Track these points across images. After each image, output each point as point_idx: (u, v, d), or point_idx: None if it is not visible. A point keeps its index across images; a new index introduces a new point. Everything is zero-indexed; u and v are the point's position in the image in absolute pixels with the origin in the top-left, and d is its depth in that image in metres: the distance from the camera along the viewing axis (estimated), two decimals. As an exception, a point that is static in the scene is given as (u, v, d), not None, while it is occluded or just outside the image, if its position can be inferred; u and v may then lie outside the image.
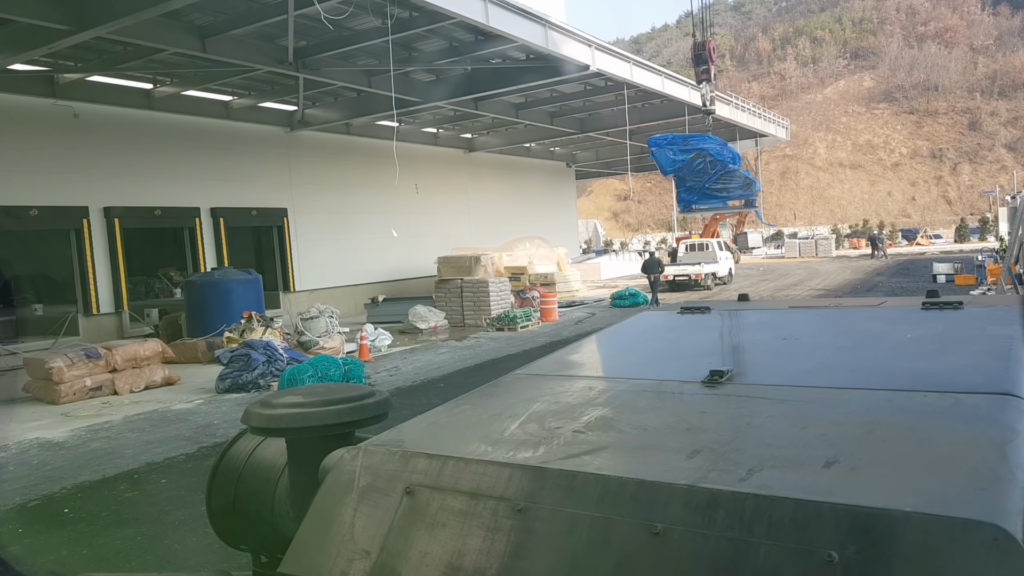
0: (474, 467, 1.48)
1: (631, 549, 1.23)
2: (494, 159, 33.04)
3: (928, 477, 1.25)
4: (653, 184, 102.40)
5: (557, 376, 2.22)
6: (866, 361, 2.07)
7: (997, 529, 1.03)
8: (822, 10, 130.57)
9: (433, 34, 17.84)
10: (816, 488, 1.21)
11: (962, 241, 57.03)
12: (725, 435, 1.54)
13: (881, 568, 1.06)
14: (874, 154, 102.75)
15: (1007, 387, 1.56)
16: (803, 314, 2.73)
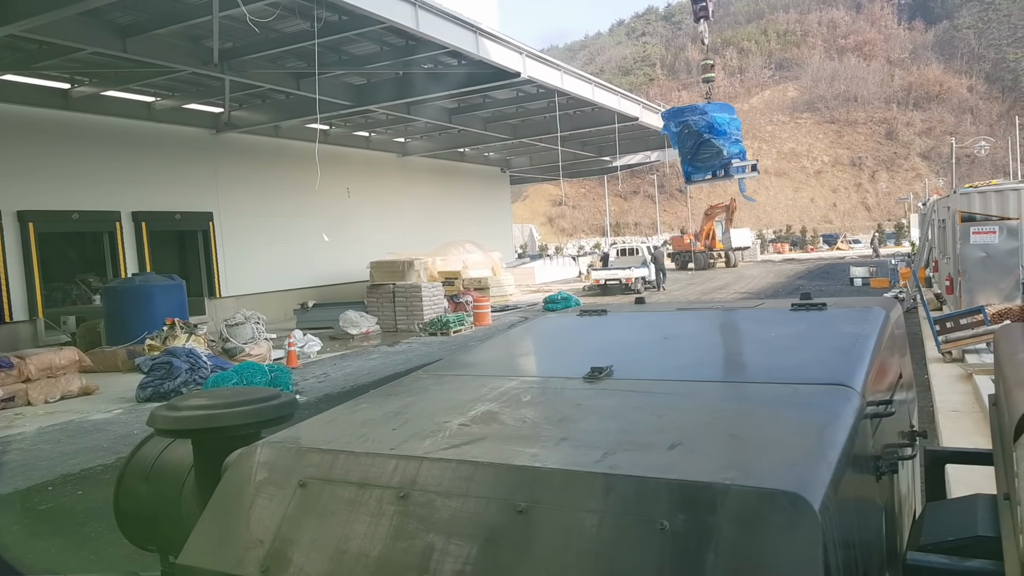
0: (363, 460, 1.60)
1: (499, 526, 1.37)
2: (428, 163, 33.02)
3: (753, 456, 1.42)
4: (587, 190, 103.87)
5: (455, 375, 2.32)
6: (728, 357, 2.25)
7: (796, 497, 1.19)
8: (748, 22, 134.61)
9: (363, 38, 17.76)
10: (655, 467, 1.36)
11: (879, 245, 59.49)
12: (592, 424, 1.69)
13: (703, 533, 1.21)
14: (798, 162, 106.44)
15: (841, 379, 1.74)
16: (686, 315, 2.91)
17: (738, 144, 17.23)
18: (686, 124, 17.52)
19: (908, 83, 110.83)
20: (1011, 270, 13.19)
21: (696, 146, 17.78)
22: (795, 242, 68.79)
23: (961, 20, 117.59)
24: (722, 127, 17.20)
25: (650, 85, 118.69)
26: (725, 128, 17.20)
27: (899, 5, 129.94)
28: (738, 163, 17.13)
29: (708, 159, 17.89)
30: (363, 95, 21.19)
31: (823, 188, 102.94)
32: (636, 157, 41.42)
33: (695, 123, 17.56)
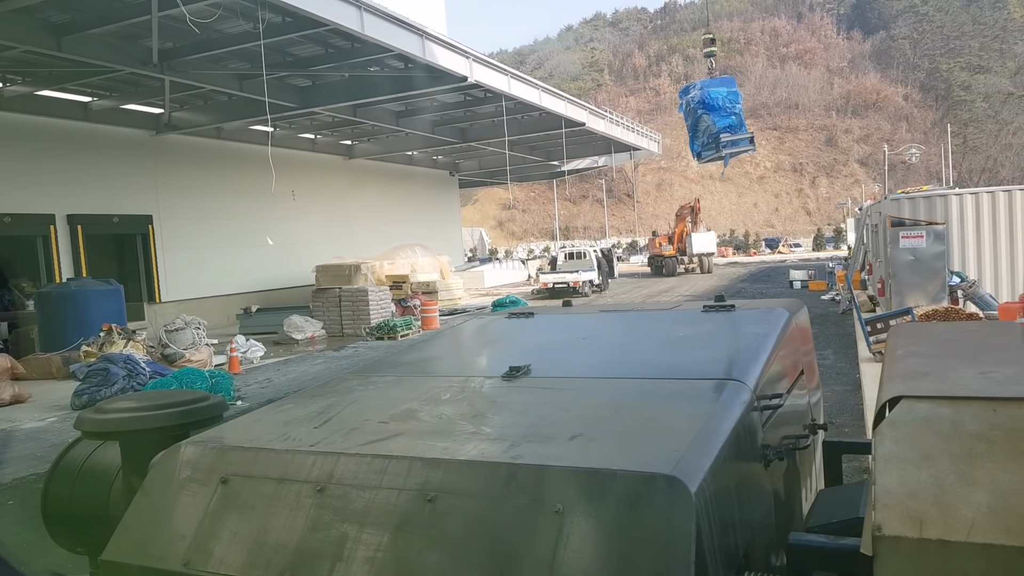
0: (282, 456, 1.68)
1: (409, 514, 1.46)
2: (375, 166, 32.83)
3: (642, 444, 1.53)
4: (537, 193, 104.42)
5: (380, 376, 2.39)
6: (637, 355, 2.38)
7: (674, 479, 1.30)
8: (694, 29, 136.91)
9: (308, 40, 17.63)
10: (553, 456, 1.47)
11: (818, 249, 61.25)
12: (504, 419, 1.79)
13: (592, 514, 1.32)
14: (741, 168, 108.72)
15: (734, 374, 1.87)
16: (607, 317, 3.04)
17: (728, 118, 17.02)
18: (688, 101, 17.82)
19: (847, 91, 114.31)
20: (938, 273, 13.73)
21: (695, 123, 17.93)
22: (739, 246, 70.33)
23: (897, 31, 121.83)
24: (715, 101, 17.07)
25: (598, 90, 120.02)
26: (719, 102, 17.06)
27: (838, 15, 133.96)
28: (727, 137, 17.06)
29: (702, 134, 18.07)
30: (308, 97, 21.00)
31: (766, 193, 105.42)
32: (584, 162, 41.87)
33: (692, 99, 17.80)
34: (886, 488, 1.31)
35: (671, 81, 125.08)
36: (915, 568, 1.23)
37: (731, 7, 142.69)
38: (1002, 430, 1.30)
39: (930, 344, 1.94)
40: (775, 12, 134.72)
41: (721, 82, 17.74)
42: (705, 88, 17.54)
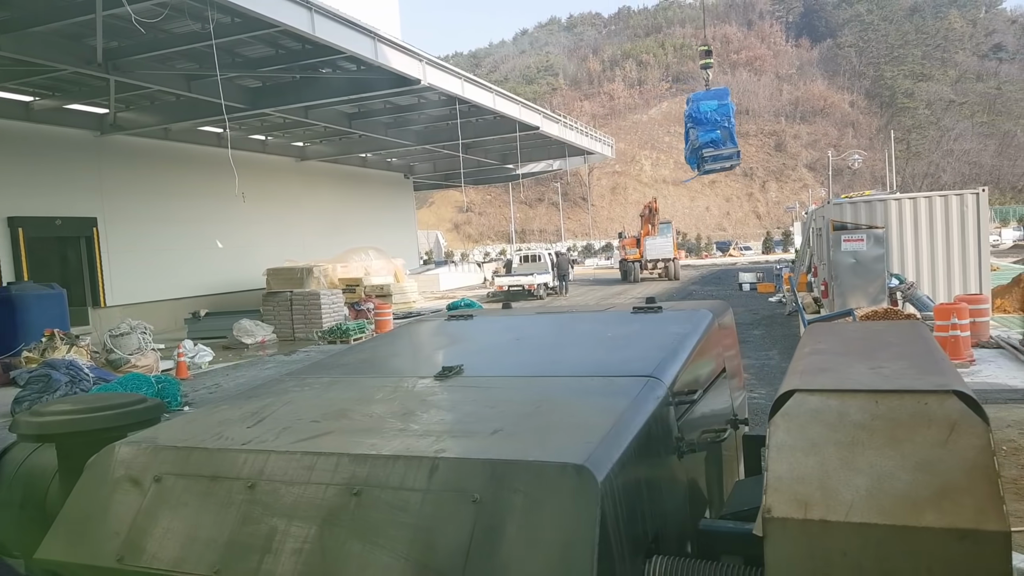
0: (215, 455, 1.73)
1: (335, 507, 1.54)
2: (328, 168, 32.54)
3: (557, 436, 1.62)
4: (493, 196, 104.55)
5: (317, 378, 2.43)
6: (564, 355, 2.47)
7: (582, 468, 1.39)
8: (647, 35, 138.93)
9: (258, 40, 17.45)
10: (474, 448, 1.55)
11: (768, 252, 62.55)
12: (432, 416, 1.87)
13: (507, 502, 1.40)
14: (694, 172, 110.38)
15: (651, 371, 1.97)
16: (542, 318, 3.13)
17: (713, 132, 16.88)
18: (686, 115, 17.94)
19: (795, 98, 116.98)
20: (878, 275, 14.18)
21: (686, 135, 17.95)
22: (691, 249, 71.37)
23: (843, 39, 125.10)
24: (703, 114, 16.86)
25: (553, 94, 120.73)
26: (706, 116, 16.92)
27: (787, 23, 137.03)
28: (710, 152, 16.71)
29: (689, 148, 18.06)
30: (258, 98, 20.76)
31: (717, 197, 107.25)
32: (539, 165, 42.09)
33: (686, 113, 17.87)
34: (777, 474, 1.41)
35: (625, 86, 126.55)
36: (800, 547, 1.33)
37: (683, 13, 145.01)
38: (882, 420, 1.41)
39: (835, 342, 2.06)
40: (726, 19, 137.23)
41: (713, 94, 17.52)
42: (695, 101, 17.50)
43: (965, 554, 1.22)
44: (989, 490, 1.25)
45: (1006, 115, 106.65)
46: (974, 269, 14.93)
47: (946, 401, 1.37)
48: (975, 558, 1.21)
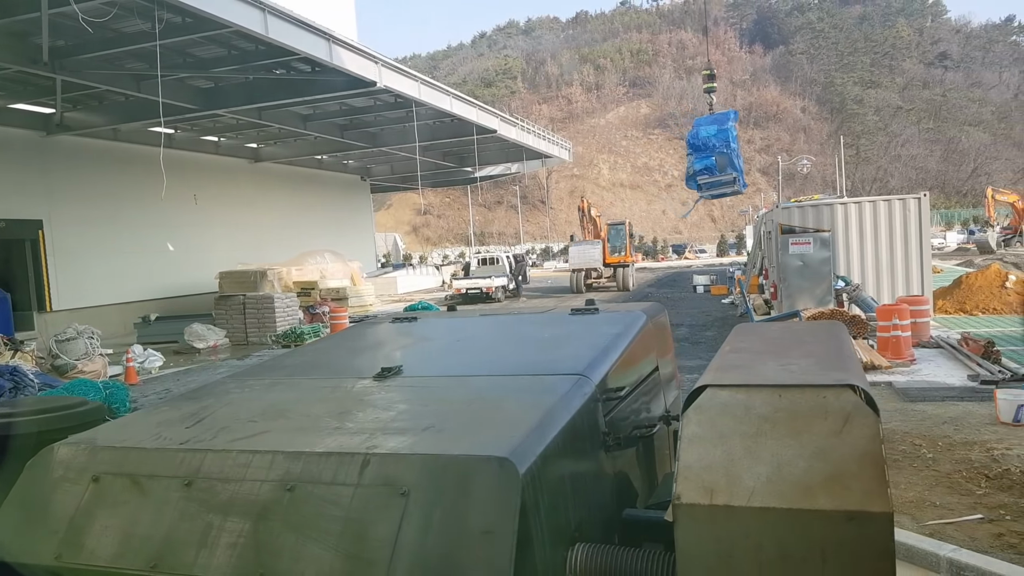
0: (152, 454, 1.77)
1: (270, 503, 1.60)
2: (283, 170, 32.18)
3: (486, 432, 1.69)
4: (452, 199, 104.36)
5: (259, 379, 2.46)
6: (501, 355, 2.54)
7: (505, 460, 1.46)
8: (604, 40, 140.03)
9: (210, 41, 17.20)
10: (404, 445, 1.61)
11: (722, 255, 63.57)
12: (367, 415, 1.92)
13: (434, 494, 1.47)
14: (650, 176, 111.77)
15: (580, 369, 2.05)
16: (484, 320, 3.20)
17: (708, 159, 16.04)
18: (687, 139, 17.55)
19: (749, 103, 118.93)
20: (824, 277, 14.56)
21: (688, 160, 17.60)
22: (647, 252, 72.18)
23: (795, 46, 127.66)
24: (702, 140, 16.10)
25: (512, 97, 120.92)
26: (705, 141, 16.04)
27: (740, 30, 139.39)
28: (705, 179, 15.91)
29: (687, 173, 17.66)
30: (211, 99, 20.47)
31: (674, 201, 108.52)
32: (497, 168, 42.19)
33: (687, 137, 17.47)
34: (687, 463, 1.50)
35: (582, 90, 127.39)
36: (706, 530, 1.42)
37: (640, 19, 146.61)
38: (784, 412, 1.50)
39: (755, 341, 2.17)
40: (681, 25, 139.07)
41: (714, 119, 16.83)
42: (696, 126, 16.94)
43: (853, 534, 1.32)
44: (876, 475, 1.35)
45: (951, 121, 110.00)
46: (916, 271, 15.41)
47: (842, 395, 1.47)
48: (862, 537, 1.31)
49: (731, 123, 15.91)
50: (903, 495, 5.92)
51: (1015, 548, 4.85)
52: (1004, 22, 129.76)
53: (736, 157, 15.65)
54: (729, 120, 16.08)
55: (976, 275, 17.88)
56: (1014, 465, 6.32)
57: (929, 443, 7.12)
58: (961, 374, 9.86)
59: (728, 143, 15.41)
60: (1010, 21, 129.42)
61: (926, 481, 6.18)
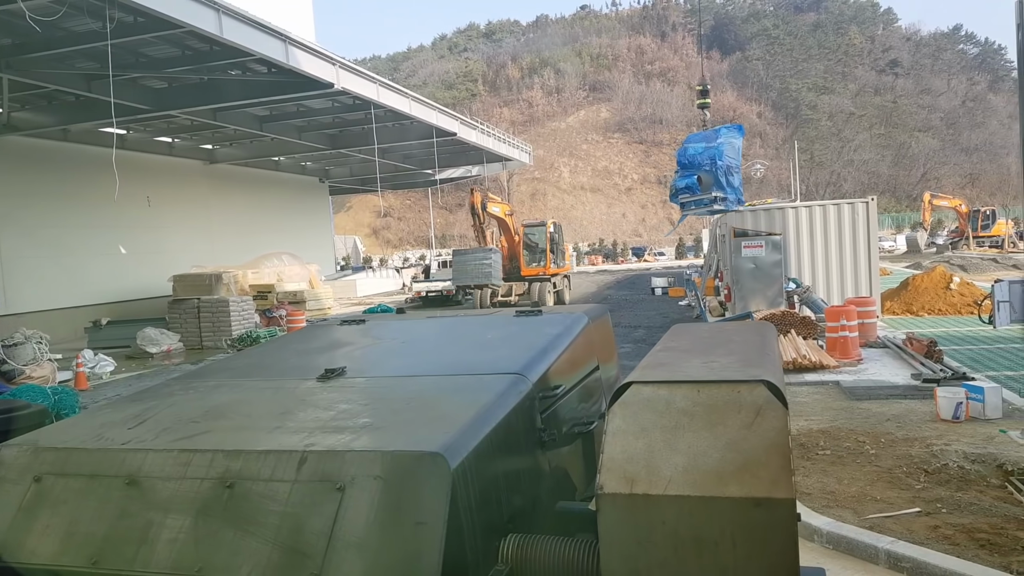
0: (94, 455, 1.80)
1: (209, 500, 1.64)
2: (239, 172, 31.77)
3: (421, 429, 1.75)
4: (413, 201, 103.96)
5: (203, 381, 2.48)
6: (444, 356, 2.61)
7: (437, 455, 1.53)
8: (564, 44, 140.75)
9: (163, 41, 16.94)
10: (341, 442, 1.66)
11: (680, 258, 64.36)
12: (308, 414, 1.96)
13: (369, 488, 1.52)
14: (610, 179, 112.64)
15: (518, 368, 2.12)
16: (430, 322, 3.26)
17: (689, 178, 15.16)
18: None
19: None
20: (776, 279, 14.90)
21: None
22: (608, 254, 72.79)
23: (751, 52, 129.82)
24: (689, 158, 15.19)
25: (473, 100, 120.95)
26: (691, 159, 15.17)
27: (698, 36, 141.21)
28: (686, 197, 15.15)
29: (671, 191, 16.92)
30: (164, 99, 20.15)
31: (633, 204, 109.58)
32: (457, 171, 42.20)
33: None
34: (610, 455, 1.57)
35: (543, 93, 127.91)
36: (627, 518, 1.50)
37: (599, 24, 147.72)
38: (702, 406, 1.59)
39: (686, 341, 2.26)
40: (640, 30, 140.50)
41: (703, 136, 16.25)
42: (686, 143, 16.36)
43: (760, 518, 1.41)
44: (782, 464, 1.44)
45: (901, 127, 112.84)
46: (865, 273, 15.84)
47: (755, 390, 1.56)
48: (768, 521, 1.40)
49: (722, 140, 15.24)
50: (846, 490, 6.11)
51: (949, 539, 5.05)
52: (952, 31, 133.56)
53: (726, 174, 14.84)
54: (719, 137, 15.46)
55: (922, 277, 18.43)
56: (952, 460, 6.56)
57: (873, 440, 7.35)
58: (905, 373, 10.17)
59: (715, 161, 14.74)
60: (957, 30, 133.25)
61: (868, 476, 6.38)
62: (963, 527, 5.19)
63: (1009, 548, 4.82)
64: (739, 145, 15.71)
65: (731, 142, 15.42)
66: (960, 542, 4.97)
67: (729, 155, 15.02)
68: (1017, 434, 7.05)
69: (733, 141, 15.53)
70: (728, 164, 14.85)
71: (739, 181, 15.37)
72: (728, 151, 15.05)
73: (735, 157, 15.40)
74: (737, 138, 15.79)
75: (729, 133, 15.68)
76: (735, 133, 15.96)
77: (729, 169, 14.90)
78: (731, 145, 15.34)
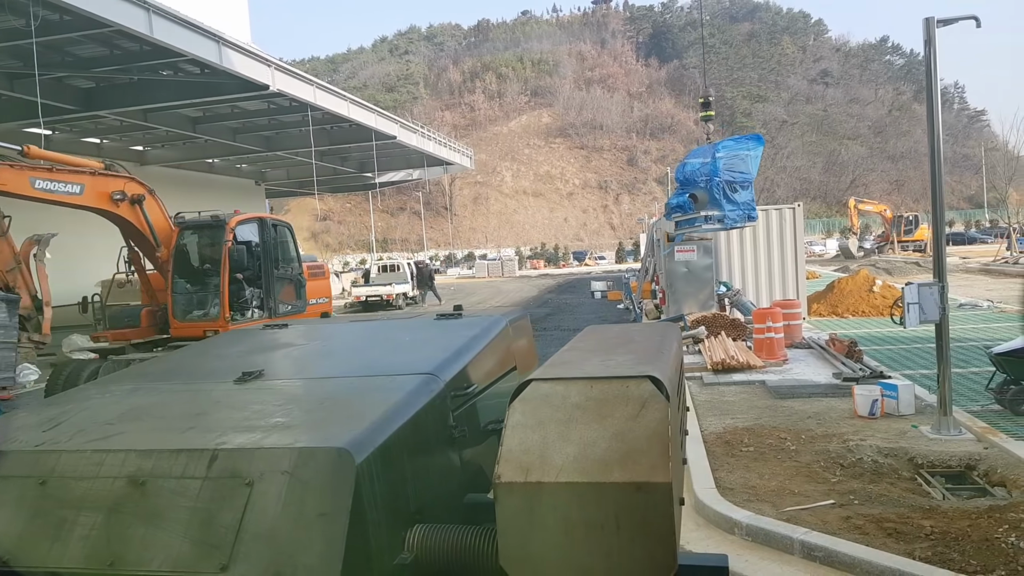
0: (8, 457, 1.83)
1: (123, 498, 1.69)
2: (172, 174, 30.96)
3: (331, 427, 1.83)
4: (354, 205, 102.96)
5: (120, 385, 2.50)
6: (361, 357, 2.68)
7: (343, 451, 1.61)
8: (506, 48, 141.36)
9: (91, 40, 16.50)
10: (251, 440, 1.73)
11: (620, 262, 65.30)
12: (223, 415, 2.02)
13: (277, 483, 1.59)
14: (552, 184, 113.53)
15: (430, 368, 2.21)
16: (351, 326, 3.33)
17: (680, 196, 14.45)
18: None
19: (645, 115, 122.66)
20: (707, 283, 15.30)
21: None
22: (549, 258, 73.35)
23: (688, 60, 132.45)
24: (686, 174, 14.47)
25: (414, 103, 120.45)
26: (689, 175, 14.41)
27: (637, 43, 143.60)
28: (677, 217, 14.50)
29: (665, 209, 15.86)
30: (92, 99, 19.60)
31: (575, 208, 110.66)
32: (398, 174, 42.01)
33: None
34: (508, 447, 1.68)
35: (485, 97, 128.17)
36: (522, 504, 1.61)
37: (540, 29, 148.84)
38: (593, 400, 1.71)
39: (593, 341, 2.38)
40: (580, 37, 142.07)
41: (702, 151, 15.46)
42: (686, 159, 15.72)
43: (641, 501, 1.53)
44: (661, 452, 1.57)
45: (832, 135, 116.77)
46: (792, 277, 16.39)
47: (642, 384, 1.69)
48: (647, 504, 1.52)
49: (722, 154, 14.15)
50: (767, 485, 6.36)
51: (860, 529, 5.31)
52: (879, 42, 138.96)
53: (725, 190, 13.81)
54: (719, 151, 14.39)
55: (847, 280, 19.15)
56: (866, 455, 6.88)
57: (794, 436, 7.65)
58: (827, 372, 10.58)
59: (712, 177, 13.82)
60: (885, 41, 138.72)
61: (788, 471, 6.65)
62: (873, 517, 5.46)
63: (914, 536, 5.10)
64: (754, 156, 14.44)
65: (739, 155, 14.27)
66: (869, 531, 5.23)
67: (735, 169, 14.03)
68: (928, 429, 7.43)
69: (743, 153, 14.34)
70: (730, 179, 13.92)
71: (749, 195, 14.29)
72: (733, 164, 14.03)
73: (745, 170, 14.22)
74: (751, 149, 14.51)
75: (737, 146, 14.56)
76: (748, 145, 14.65)
77: (731, 184, 13.92)
78: (738, 158, 14.22)
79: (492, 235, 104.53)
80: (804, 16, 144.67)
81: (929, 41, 7.17)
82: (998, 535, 4.84)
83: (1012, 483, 6.06)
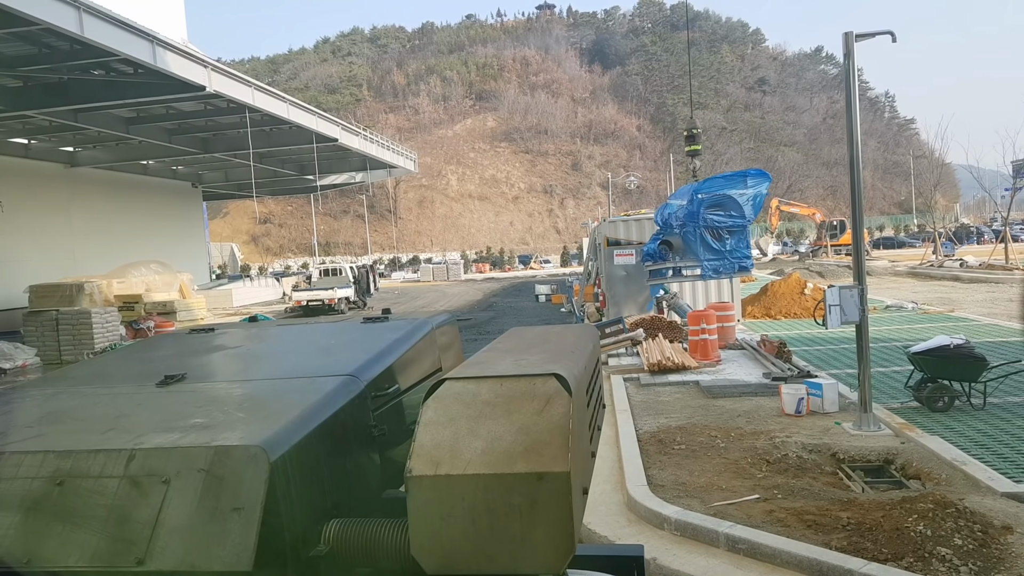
0: None
1: (41, 497, 1.73)
2: (103, 176, 30.13)
3: (248, 426, 1.88)
4: (295, 207, 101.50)
5: (41, 389, 2.50)
6: (285, 361, 2.73)
7: (259, 449, 1.66)
8: (451, 52, 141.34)
9: (16, 37, 15.97)
10: (168, 440, 1.77)
11: (565, 265, 65.88)
12: (142, 417, 2.05)
13: (193, 481, 1.65)
14: (498, 187, 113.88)
15: (351, 370, 2.28)
16: (278, 330, 3.37)
17: (652, 243, 13.16)
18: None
19: (589, 120, 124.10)
20: (645, 287, 15.60)
21: None
22: (495, 262, 73.52)
23: (631, 67, 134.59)
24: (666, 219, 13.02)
25: (357, 105, 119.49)
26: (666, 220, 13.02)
27: (580, 49, 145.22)
28: (649, 266, 13.27)
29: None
30: (19, 99, 18.96)
31: (520, 212, 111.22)
32: (340, 177, 41.59)
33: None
34: (420, 443, 1.76)
35: (430, 101, 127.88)
36: (432, 497, 1.69)
37: (485, 34, 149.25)
38: (503, 397, 1.79)
39: (512, 342, 2.47)
40: (525, 42, 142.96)
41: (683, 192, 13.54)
42: (669, 199, 14.25)
43: (541, 490, 1.63)
44: (562, 443, 1.66)
45: (769, 142, 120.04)
46: (726, 280, 16.77)
47: (547, 382, 1.79)
48: (547, 492, 1.62)
49: (703, 195, 12.13)
50: (696, 481, 6.57)
51: (782, 522, 5.54)
52: (814, 52, 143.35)
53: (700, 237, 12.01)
54: (687, 195, 12.69)
55: (780, 283, 19.71)
56: (791, 451, 7.15)
57: (724, 434, 7.89)
58: (758, 372, 10.91)
59: (687, 222, 12.12)
60: (819, 51, 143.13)
61: (717, 468, 6.87)
62: (795, 510, 5.69)
63: (831, 527, 5.34)
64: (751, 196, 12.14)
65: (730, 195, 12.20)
66: (791, 524, 5.46)
67: (725, 211, 12.12)
68: (850, 425, 7.76)
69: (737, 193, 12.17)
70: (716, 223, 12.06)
71: (740, 242, 12.42)
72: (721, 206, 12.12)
73: (737, 213, 12.16)
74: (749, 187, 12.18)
75: (728, 184, 12.40)
76: (746, 182, 12.30)
77: (716, 230, 12.09)
78: (729, 199, 12.17)
79: (437, 239, 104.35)
80: (742, 25, 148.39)
81: (848, 54, 7.49)
82: (908, 524, 5.10)
83: (926, 476, 6.37)
